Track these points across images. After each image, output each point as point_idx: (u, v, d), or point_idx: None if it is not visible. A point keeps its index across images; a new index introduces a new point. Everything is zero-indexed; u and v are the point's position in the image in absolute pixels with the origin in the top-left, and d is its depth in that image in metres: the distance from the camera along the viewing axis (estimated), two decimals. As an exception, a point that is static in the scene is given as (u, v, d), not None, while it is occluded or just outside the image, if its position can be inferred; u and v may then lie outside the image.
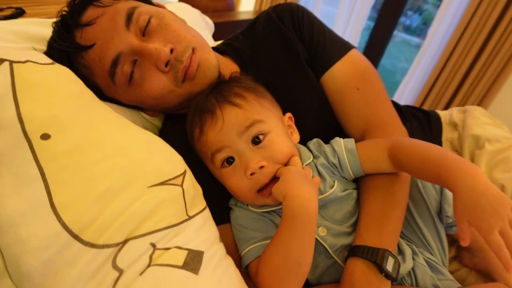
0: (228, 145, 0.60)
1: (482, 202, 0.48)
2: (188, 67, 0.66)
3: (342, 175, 0.68)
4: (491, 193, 0.48)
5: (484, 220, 0.47)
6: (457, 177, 0.51)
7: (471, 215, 0.48)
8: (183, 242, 0.47)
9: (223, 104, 0.61)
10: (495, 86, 2.01)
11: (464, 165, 0.52)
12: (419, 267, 0.62)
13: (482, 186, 0.49)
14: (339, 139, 0.70)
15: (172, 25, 0.69)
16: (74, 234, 0.41)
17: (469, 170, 0.51)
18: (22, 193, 0.42)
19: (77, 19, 0.65)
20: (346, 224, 0.65)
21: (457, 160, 0.54)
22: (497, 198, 0.48)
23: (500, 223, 0.47)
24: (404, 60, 4.23)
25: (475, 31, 1.97)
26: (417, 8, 4.42)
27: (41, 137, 0.44)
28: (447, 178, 0.53)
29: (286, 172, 0.57)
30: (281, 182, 0.56)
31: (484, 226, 0.47)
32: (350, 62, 0.80)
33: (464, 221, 0.49)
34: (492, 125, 0.92)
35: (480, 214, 0.48)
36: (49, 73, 0.51)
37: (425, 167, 0.57)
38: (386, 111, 0.80)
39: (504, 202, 0.48)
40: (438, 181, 0.56)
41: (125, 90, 0.68)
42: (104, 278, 0.41)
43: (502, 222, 0.47)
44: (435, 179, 0.57)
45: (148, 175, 0.48)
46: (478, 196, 0.48)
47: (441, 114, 1.01)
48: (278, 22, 0.82)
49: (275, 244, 0.54)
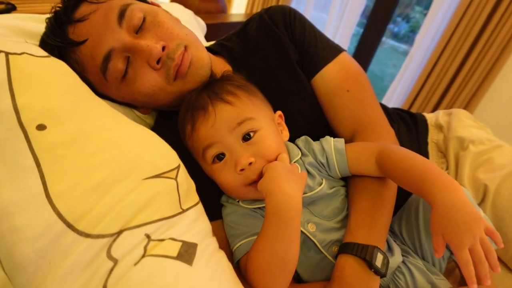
0: (219, 141, 0.61)
1: (457, 219, 0.50)
2: (180, 65, 0.67)
3: (330, 174, 0.69)
4: (467, 211, 0.50)
5: (456, 236, 0.49)
6: (437, 192, 0.53)
7: (445, 229, 0.50)
8: (177, 234, 0.47)
9: (216, 101, 0.62)
10: (480, 91, 2.06)
11: (445, 181, 0.54)
12: (414, 265, 0.63)
13: (460, 203, 0.51)
14: (329, 138, 0.71)
15: (165, 22, 0.69)
16: (69, 223, 0.41)
17: (449, 186, 0.53)
18: (17, 183, 0.41)
19: (70, 15, 0.65)
20: (335, 220, 0.66)
21: (440, 175, 0.55)
22: (472, 216, 0.50)
23: (471, 241, 0.49)
24: (392, 66, 4.30)
25: (460, 38, 2.03)
26: (405, 16, 4.51)
27: (37, 127, 0.44)
28: (428, 191, 0.54)
29: (270, 168, 0.58)
30: (265, 178, 0.57)
31: (455, 242, 0.49)
32: (341, 65, 0.81)
33: (439, 234, 0.51)
34: (476, 128, 0.94)
35: (453, 229, 0.49)
36: (45, 66, 0.51)
37: (408, 177, 0.59)
38: (375, 113, 0.81)
39: (478, 221, 0.50)
40: (419, 192, 0.57)
41: (117, 86, 0.68)
42: (99, 267, 0.41)
43: (473, 240, 0.49)
44: (416, 190, 0.58)
45: (143, 167, 0.49)
46: (454, 213, 0.50)
47: (427, 117, 1.03)
48: (270, 24, 0.83)
49: (260, 241, 0.55)
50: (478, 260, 0.49)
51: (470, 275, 0.48)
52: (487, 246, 0.49)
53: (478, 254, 0.49)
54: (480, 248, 0.49)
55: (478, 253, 0.49)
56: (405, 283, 0.62)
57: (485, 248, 0.49)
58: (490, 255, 0.49)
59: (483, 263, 0.48)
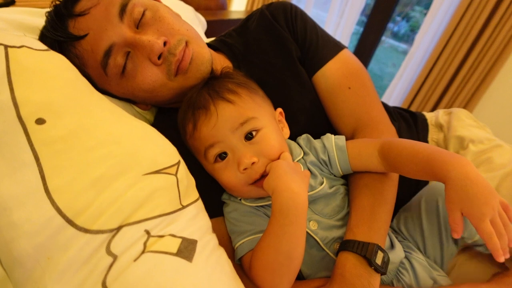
0: (222, 141, 0.60)
1: (474, 191, 0.49)
2: (181, 61, 0.66)
3: (331, 172, 0.69)
4: (482, 183, 0.49)
5: (476, 207, 0.48)
6: (449, 167, 0.52)
7: (463, 203, 0.49)
8: (177, 230, 0.47)
9: (217, 100, 0.61)
10: (480, 90, 2.06)
11: (455, 157, 0.54)
12: (417, 260, 0.64)
13: (474, 175, 0.50)
14: (330, 136, 0.71)
15: (166, 18, 0.69)
16: (68, 218, 0.40)
17: (460, 161, 0.53)
18: (15, 177, 0.41)
19: (71, 9, 0.64)
20: (336, 218, 0.67)
21: (448, 152, 0.56)
22: (488, 189, 0.49)
23: (491, 212, 0.48)
24: (391, 65, 4.31)
25: (460, 38, 2.03)
26: (405, 15, 4.51)
27: (36, 121, 0.43)
28: (439, 170, 0.53)
29: (275, 166, 0.58)
30: (270, 176, 0.57)
31: (476, 213, 0.48)
32: (342, 62, 0.81)
33: (457, 209, 0.50)
34: (476, 127, 0.95)
35: (472, 201, 0.49)
36: (44, 59, 0.50)
37: (416, 161, 0.58)
38: (376, 110, 0.81)
39: (494, 194, 0.49)
40: (430, 174, 0.56)
41: (117, 81, 0.68)
42: (98, 263, 0.40)
43: (493, 212, 0.48)
44: (426, 173, 0.57)
45: (143, 163, 0.48)
46: (470, 185, 0.49)
47: (427, 116, 1.04)
48: (271, 20, 0.83)
49: (266, 238, 0.54)
50: (499, 233, 0.48)
51: (497, 247, 0.47)
52: (505, 219, 0.48)
53: (498, 226, 0.48)
54: (499, 221, 0.48)
55: (498, 226, 0.48)
56: (408, 279, 0.62)
57: (502, 221, 0.48)
58: (507, 229, 0.48)
59: (504, 236, 0.48)
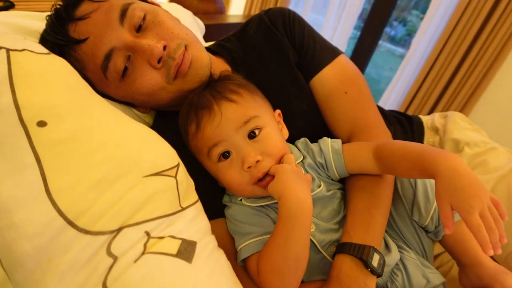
0: (225, 140, 0.61)
1: (462, 184, 0.49)
2: (180, 64, 0.67)
3: (328, 175, 0.70)
4: (470, 176, 0.50)
5: (465, 201, 0.48)
6: (439, 161, 0.52)
7: (452, 196, 0.49)
8: (177, 232, 0.48)
9: (220, 100, 0.62)
10: (476, 94, 2.08)
11: (443, 152, 0.54)
12: (409, 260, 0.64)
13: (463, 169, 0.50)
14: (326, 139, 0.72)
15: (166, 22, 0.70)
16: (69, 220, 0.41)
17: (449, 155, 0.53)
18: (17, 179, 0.41)
19: (71, 13, 0.65)
20: (333, 221, 0.67)
21: (437, 149, 0.57)
22: (477, 182, 0.49)
23: (480, 205, 0.48)
24: (388, 69, 4.33)
25: (456, 42, 2.05)
26: (401, 19, 4.54)
27: (37, 124, 0.44)
28: (429, 165, 0.54)
29: (281, 171, 0.58)
30: (276, 181, 0.57)
31: (465, 206, 0.48)
32: (339, 67, 0.82)
33: (447, 203, 0.50)
34: (471, 130, 0.96)
35: (460, 194, 0.49)
36: (46, 63, 0.51)
37: (408, 158, 0.59)
38: (372, 115, 0.82)
39: (483, 188, 0.49)
40: (421, 170, 0.56)
41: (117, 85, 0.69)
42: (98, 264, 0.41)
43: (482, 205, 0.48)
44: (418, 170, 0.57)
45: (143, 165, 0.49)
46: (458, 178, 0.50)
47: (423, 119, 1.05)
48: (270, 25, 0.84)
49: (274, 243, 0.55)
50: (488, 226, 0.47)
51: (485, 240, 0.47)
52: (495, 214, 0.48)
53: (488, 220, 0.47)
54: (489, 214, 0.48)
55: (488, 219, 0.47)
56: (402, 280, 0.63)
57: (493, 216, 0.48)
58: (498, 224, 0.48)
59: (494, 230, 0.47)
